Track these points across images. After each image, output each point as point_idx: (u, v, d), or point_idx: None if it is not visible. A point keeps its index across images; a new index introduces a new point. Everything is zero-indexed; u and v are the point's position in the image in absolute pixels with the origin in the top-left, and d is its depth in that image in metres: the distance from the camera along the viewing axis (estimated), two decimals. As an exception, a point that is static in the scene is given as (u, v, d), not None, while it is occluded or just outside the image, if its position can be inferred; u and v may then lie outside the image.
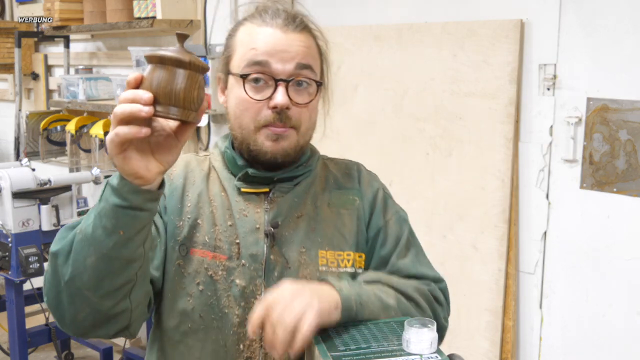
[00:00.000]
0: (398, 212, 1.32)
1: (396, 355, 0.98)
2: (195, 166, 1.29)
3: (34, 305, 3.11)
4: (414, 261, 1.27)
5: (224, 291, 1.18)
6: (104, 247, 0.98)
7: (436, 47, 2.37)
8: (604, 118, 2.06)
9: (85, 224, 1.01)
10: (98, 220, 0.98)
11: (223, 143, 1.31)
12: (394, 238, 1.27)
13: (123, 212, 0.97)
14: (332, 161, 1.36)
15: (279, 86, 1.16)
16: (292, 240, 1.21)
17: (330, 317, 1.06)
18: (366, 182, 1.32)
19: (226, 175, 1.26)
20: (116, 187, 0.97)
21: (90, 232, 0.99)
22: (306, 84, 1.19)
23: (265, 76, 1.17)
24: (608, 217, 2.09)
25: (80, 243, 1.00)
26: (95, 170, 2.87)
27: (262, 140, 1.18)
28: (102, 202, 0.99)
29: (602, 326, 2.13)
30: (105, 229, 0.98)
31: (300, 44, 1.19)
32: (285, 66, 1.17)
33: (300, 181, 1.26)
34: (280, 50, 1.17)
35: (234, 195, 1.23)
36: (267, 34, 1.18)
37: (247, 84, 1.18)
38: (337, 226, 1.25)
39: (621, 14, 2.00)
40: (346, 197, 1.29)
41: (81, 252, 1.00)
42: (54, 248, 1.05)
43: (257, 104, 1.17)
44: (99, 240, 0.98)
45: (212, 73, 2.76)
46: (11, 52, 3.83)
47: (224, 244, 1.20)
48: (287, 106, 1.16)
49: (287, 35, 1.18)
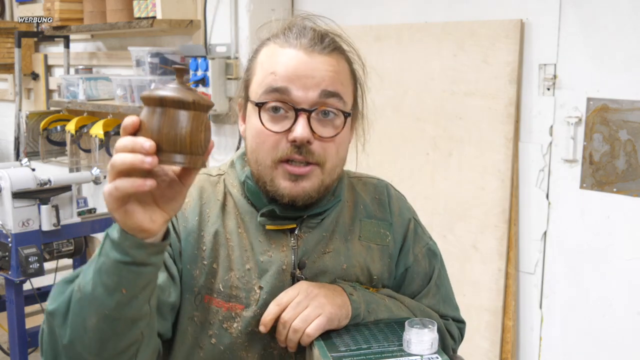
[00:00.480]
0: (428, 243, 1.25)
1: (397, 355, 0.98)
2: (210, 194, 1.15)
3: (34, 305, 3.10)
4: (439, 302, 1.23)
5: (240, 344, 1.09)
6: (106, 307, 0.87)
7: (436, 47, 2.37)
8: (604, 118, 2.06)
9: (84, 281, 0.89)
10: (98, 277, 0.87)
11: (242, 169, 1.15)
12: (423, 276, 1.22)
13: (126, 269, 0.86)
14: (360, 181, 1.25)
15: (300, 117, 1.02)
16: (318, 280, 1.12)
17: (340, 324, 1.06)
18: (397, 211, 1.22)
19: (247, 208, 1.13)
20: (117, 241, 0.85)
21: (89, 290, 0.88)
22: (333, 114, 1.05)
23: (285, 105, 1.03)
24: (608, 217, 2.09)
25: (79, 303, 0.89)
26: (95, 170, 2.87)
27: (280, 180, 1.05)
28: (102, 257, 0.87)
29: (602, 326, 2.13)
30: (106, 286, 0.87)
31: (328, 68, 1.04)
32: (307, 94, 1.03)
33: (330, 213, 1.15)
34: (303, 75, 1.03)
35: (255, 233, 1.11)
36: (289, 56, 1.04)
37: (264, 113, 1.04)
38: (367, 262, 1.16)
39: (621, 14, 2.00)
40: (377, 229, 1.19)
41: (80, 312, 0.89)
42: (50, 306, 0.94)
43: (274, 137, 1.03)
44: (100, 299, 0.87)
45: (212, 73, 2.76)
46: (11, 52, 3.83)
47: (241, 292, 1.09)
48: (309, 140, 1.02)
49: (312, 57, 1.04)
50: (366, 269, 1.16)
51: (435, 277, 1.24)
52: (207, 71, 2.77)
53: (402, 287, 1.22)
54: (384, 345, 1.02)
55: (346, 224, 1.17)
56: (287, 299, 1.05)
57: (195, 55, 2.81)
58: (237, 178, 1.16)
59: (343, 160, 1.11)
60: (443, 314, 1.24)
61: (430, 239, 1.26)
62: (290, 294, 1.06)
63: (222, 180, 1.17)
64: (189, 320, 1.11)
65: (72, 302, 0.91)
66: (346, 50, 1.11)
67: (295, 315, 1.03)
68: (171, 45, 3.09)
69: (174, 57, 2.99)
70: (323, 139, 1.04)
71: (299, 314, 1.03)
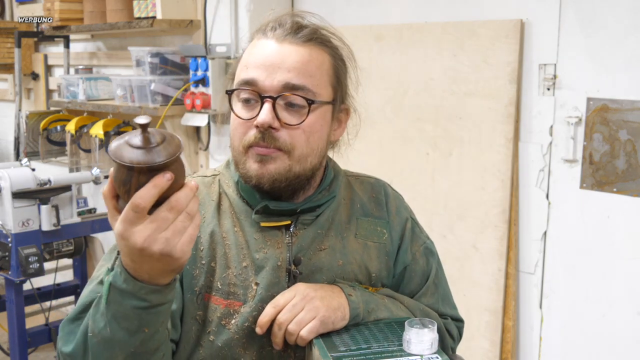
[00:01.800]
0: (425, 242, 1.26)
1: (396, 355, 0.98)
2: (205, 196, 1.17)
3: (34, 305, 3.10)
4: (438, 301, 1.24)
5: (237, 340, 1.10)
6: (131, 346, 0.91)
7: (436, 47, 2.37)
8: (604, 118, 2.06)
9: (97, 327, 0.92)
10: (116, 324, 0.90)
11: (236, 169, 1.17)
12: (421, 275, 1.23)
13: (145, 312, 0.88)
14: (358, 180, 1.26)
15: (265, 103, 1.05)
16: (315, 278, 1.13)
17: (335, 326, 1.07)
18: (394, 209, 1.23)
19: (242, 207, 1.15)
20: (129, 290, 0.86)
21: (109, 335, 0.90)
22: (299, 105, 1.07)
23: (253, 94, 1.07)
24: (608, 217, 2.09)
25: (100, 346, 0.92)
26: (95, 170, 2.87)
27: (249, 162, 1.08)
28: (114, 305, 0.88)
29: (602, 326, 2.13)
30: (127, 330, 0.90)
31: (297, 57, 1.06)
32: (273, 82, 1.06)
33: (323, 210, 1.16)
34: (270, 64, 1.06)
35: (251, 231, 1.13)
36: (261, 47, 1.08)
37: (236, 102, 1.10)
38: (364, 259, 1.17)
39: (621, 14, 2.00)
40: (374, 227, 1.20)
41: (103, 354, 0.93)
42: (65, 349, 0.98)
43: (244, 124, 1.08)
44: (123, 341, 0.91)
45: (212, 73, 2.76)
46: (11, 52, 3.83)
47: (239, 289, 1.10)
48: (271, 125, 1.05)
49: (282, 46, 1.07)
50: (364, 267, 1.17)
51: (433, 275, 1.24)
52: (207, 71, 2.77)
53: (401, 286, 1.22)
54: (384, 345, 1.02)
55: (342, 221, 1.18)
56: (283, 301, 1.06)
57: (195, 55, 2.81)
58: (232, 178, 1.18)
59: (316, 150, 1.11)
60: (442, 313, 1.24)
61: (427, 238, 1.27)
62: (286, 296, 1.07)
63: (217, 180, 1.20)
64: (192, 320, 1.12)
65: (92, 346, 0.94)
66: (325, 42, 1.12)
67: (291, 317, 1.04)
68: (171, 45, 3.09)
69: (174, 57, 2.99)
70: (289, 127, 1.06)
71: (294, 317, 1.04)
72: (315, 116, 1.09)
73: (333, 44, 1.14)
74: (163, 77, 2.94)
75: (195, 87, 2.82)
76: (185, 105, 2.86)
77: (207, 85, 2.78)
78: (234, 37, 2.80)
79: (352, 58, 1.17)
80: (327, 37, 1.13)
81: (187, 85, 2.89)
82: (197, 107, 2.79)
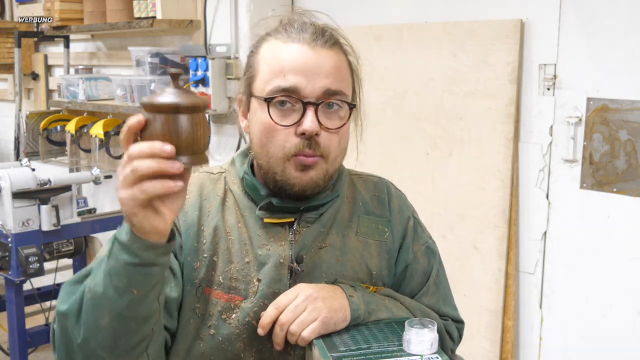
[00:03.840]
0: (427, 242, 1.26)
1: (396, 355, 0.98)
2: (210, 191, 1.18)
3: (34, 305, 3.10)
4: (438, 301, 1.24)
5: (238, 335, 1.10)
6: (118, 307, 0.91)
7: (436, 47, 2.37)
8: (604, 118, 2.06)
9: (94, 282, 0.93)
10: (108, 279, 0.90)
11: (241, 165, 1.19)
12: (422, 274, 1.23)
13: (135, 270, 0.89)
14: (361, 178, 1.27)
15: (308, 110, 1.05)
16: (315, 275, 1.13)
17: (336, 327, 1.07)
18: (396, 208, 1.24)
19: (246, 203, 1.16)
20: (126, 243, 0.88)
21: (101, 291, 0.91)
22: (337, 106, 1.08)
23: (292, 99, 1.06)
24: (608, 217, 2.09)
25: (91, 303, 0.93)
26: (95, 170, 2.87)
27: (291, 171, 1.07)
28: (112, 260, 0.90)
29: (602, 326, 2.13)
30: (117, 288, 0.90)
31: (331, 62, 1.07)
32: (314, 88, 1.05)
33: (327, 208, 1.17)
34: (309, 70, 1.05)
35: (254, 227, 1.14)
36: (293, 51, 1.07)
37: (272, 108, 1.07)
38: (364, 257, 1.17)
39: (621, 14, 2.00)
40: (375, 225, 1.20)
41: (92, 312, 0.93)
42: (61, 307, 0.98)
43: (283, 131, 1.06)
44: (112, 300, 0.91)
45: (212, 73, 2.76)
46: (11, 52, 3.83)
47: (240, 284, 1.11)
48: (317, 132, 1.05)
49: (316, 51, 1.07)
50: (364, 265, 1.17)
51: (434, 275, 1.24)
52: (207, 71, 2.77)
53: (402, 285, 1.22)
54: (384, 345, 1.02)
55: (344, 219, 1.19)
56: (285, 301, 1.06)
57: (195, 55, 2.81)
58: (237, 175, 1.19)
59: (344, 151, 1.14)
60: (443, 313, 1.24)
61: (429, 238, 1.27)
62: (289, 296, 1.07)
63: (223, 177, 1.20)
64: (191, 312, 1.12)
65: (84, 303, 0.94)
66: (343, 44, 1.14)
67: (293, 318, 1.05)
68: (171, 45, 3.09)
69: (174, 57, 2.99)
70: (329, 130, 1.07)
71: (297, 317, 1.05)
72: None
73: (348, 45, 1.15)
74: (163, 77, 2.94)
75: (195, 87, 2.82)
76: (185, 105, 2.85)
77: (207, 85, 2.78)
78: (234, 37, 2.80)
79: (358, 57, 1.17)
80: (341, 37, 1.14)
81: (187, 85, 2.89)
82: (197, 107, 2.79)
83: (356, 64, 1.16)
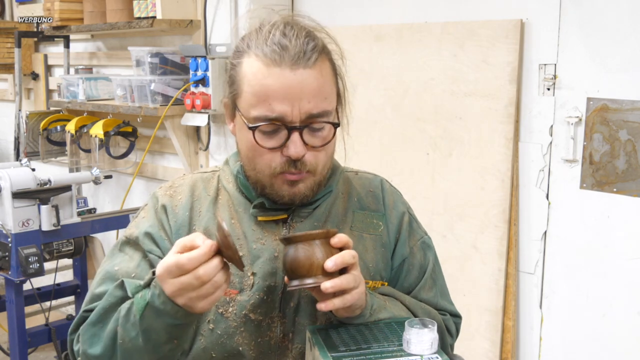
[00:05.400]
0: (422, 237, 1.27)
1: (396, 355, 0.98)
2: (202, 191, 1.21)
3: (34, 305, 3.10)
4: (436, 296, 1.25)
5: (235, 328, 1.13)
6: (160, 353, 1.04)
7: (436, 47, 2.37)
8: (604, 118, 2.06)
9: (128, 336, 1.03)
10: (147, 336, 1.02)
11: (235, 165, 1.22)
12: (418, 268, 1.24)
13: (177, 328, 1.01)
14: (356, 175, 1.29)
15: (293, 134, 1.07)
16: None
17: (354, 313, 1.07)
18: (391, 204, 1.25)
19: (241, 200, 1.19)
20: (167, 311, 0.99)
21: (140, 345, 1.03)
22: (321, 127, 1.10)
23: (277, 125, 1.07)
24: (608, 217, 2.09)
25: (130, 352, 1.05)
26: (95, 170, 2.87)
27: (279, 186, 1.11)
28: (148, 320, 1.01)
29: (602, 326, 2.13)
30: (158, 342, 1.02)
31: (314, 83, 1.07)
32: (299, 113, 1.06)
33: (320, 203, 1.20)
34: (292, 95, 1.06)
35: (249, 222, 1.17)
36: (276, 77, 1.06)
37: (257, 132, 1.08)
38: (359, 251, 1.17)
39: (621, 14, 2.00)
40: (370, 220, 1.22)
41: (133, 357, 1.06)
42: (92, 351, 1.09)
43: (269, 152, 1.09)
44: (153, 349, 1.03)
45: (212, 73, 2.76)
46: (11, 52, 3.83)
47: (235, 277, 1.13)
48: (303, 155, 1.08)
49: (298, 75, 1.06)
50: (360, 259, 1.17)
51: (431, 269, 1.25)
52: (207, 71, 2.77)
53: (400, 280, 1.23)
54: (384, 345, 1.02)
55: (339, 214, 1.21)
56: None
57: (195, 55, 2.81)
58: (232, 173, 1.22)
59: (331, 157, 1.17)
60: (440, 308, 1.25)
61: (425, 233, 1.29)
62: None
63: (217, 176, 1.24)
64: None
65: (121, 352, 1.06)
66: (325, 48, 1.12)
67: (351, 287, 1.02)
68: (171, 45, 3.09)
69: (174, 57, 2.99)
70: (315, 149, 1.10)
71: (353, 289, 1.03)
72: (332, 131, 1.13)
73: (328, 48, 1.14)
74: (163, 77, 2.94)
75: (195, 87, 2.82)
76: (185, 105, 2.86)
77: (207, 85, 2.78)
78: (234, 37, 2.80)
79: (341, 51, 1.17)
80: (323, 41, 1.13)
81: (187, 85, 2.89)
82: (197, 107, 2.79)
83: (340, 64, 1.16)
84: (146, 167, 3.35)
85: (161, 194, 1.22)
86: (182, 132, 3.03)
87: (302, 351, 1.13)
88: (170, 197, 1.21)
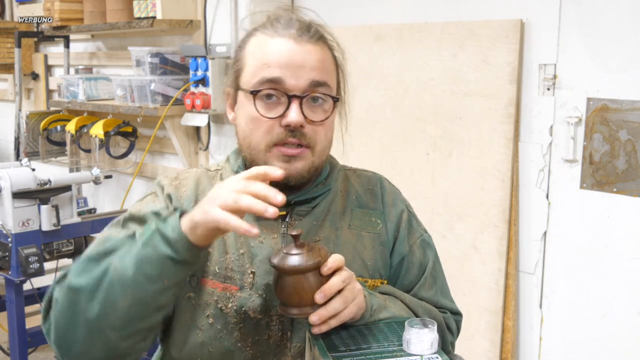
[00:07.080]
0: (422, 234, 1.27)
1: (396, 355, 0.98)
2: (206, 185, 1.22)
3: (34, 305, 3.10)
4: (436, 294, 1.25)
5: (235, 325, 1.12)
6: (143, 293, 0.98)
7: (436, 47, 2.37)
8: (604, 118, 2.06)
9: (121, 265, 0.98)
10: (139, 266, 0.97)
11: (235, 161, 1.23)
12: (418, 266, 1.23)
13: (171, 263, 0.97)
14: (355, 173, 1.29)
15: (293, 103, 1.08)
16: None
17: (355, 317, 1.07)
18: (390, 201, 1.25)
19: None
20: (172, 239, 0.96)
21: (130, 275, 0.97)
22: (322, 100, 1.11)
23: (278, 92, 1.09)
24: (608, 217, 2.09)
25: (115, 284, 0.98)
26: (95, 170, 2.87)
27: (274, 162, 1.10)
28: (148, 248, 0.97)
29: (602, 326, 2.13)
30: (148, 276, 0.97)
31: (316, 56, 1.10)
32: (299, 81, 1.08)
33: (319, 201, 1.19)
34: (294, 64, 1.09)
35: (248, 220, 1.14)
36: (279, 45, 1.10)
37: (258, 100, 1.10)
38: (358, 250, 1.18)
39: (621, 14, 2.00)
40: (369, 218, 1.22)
41: (114, 293, 0.98)
42: (76, 282, 1.02)
43: (268, 122, 1.09)
44: (139, 284, 0.97)
45: (212, 73, 2.76)
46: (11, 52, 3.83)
47: (236, 274, 1.13)
48: (302, 124, 1.08)
49: (301, 46, 1.10)
50: (358, 257, 1.18)
51: (431, 267, 1.25)
52: (207, 71, 2.77)
53: (399, 278, 1.23)
54: (383, 345, 1.02)
55: (338, 212, 1.21)
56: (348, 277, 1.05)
57: (195, 55, 2.81)
58: (232, 170, 1.22)
59: (330, 142, 1.18)
60: (441, 306, 1.25)
61: (424, 231, 1.28)
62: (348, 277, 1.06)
63: (219, 174, 1.24)
64: (185, 300, 1.15)
65: (106, 282, 0.99)
66: (328, 39, 1.17)
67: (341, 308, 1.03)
68: (171, 45, 3.09)
69: (174, 57, 2.99)
70: (314, 123, 1.11)
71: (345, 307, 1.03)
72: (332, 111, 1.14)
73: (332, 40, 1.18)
74: (163, 77, 2.94)
75: (195, 87, 2.82)
76: (185, 105, 2.86)
77: (207, 85, 2.78)
78: (234, 37, 2.80)
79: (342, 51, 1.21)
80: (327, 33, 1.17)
81: (187, 85, 2.89)
82: (197, 107, 2.79)
83: (341, 59, 1.19)
84: (146, 167, 3.35)
85: (167, 184, 1.22)
86: (182, 132, 3.03)
87: (301, 350, 1.13)
88: (175, 187, 1.22)
